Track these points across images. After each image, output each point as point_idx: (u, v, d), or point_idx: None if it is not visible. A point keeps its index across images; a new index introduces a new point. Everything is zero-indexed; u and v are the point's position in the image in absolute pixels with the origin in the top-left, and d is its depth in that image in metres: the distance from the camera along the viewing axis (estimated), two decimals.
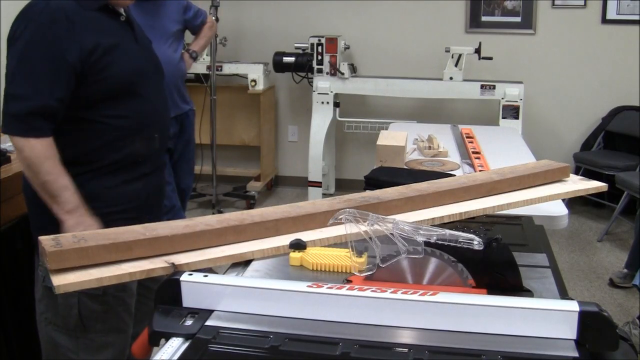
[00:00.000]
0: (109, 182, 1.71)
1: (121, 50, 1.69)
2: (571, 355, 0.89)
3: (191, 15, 3.44)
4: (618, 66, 4.64)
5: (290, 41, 4.77)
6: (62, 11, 1.60)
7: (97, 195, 1.70)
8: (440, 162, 2.39)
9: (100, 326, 1.74)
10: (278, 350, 0.90)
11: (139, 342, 0.99)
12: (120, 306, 1.77)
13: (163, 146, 1.85)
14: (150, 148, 1.77)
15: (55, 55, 1.59)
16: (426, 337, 0.93)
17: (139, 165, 1.76)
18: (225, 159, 5.17)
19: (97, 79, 1.65)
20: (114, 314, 1.75)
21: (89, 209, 1.66)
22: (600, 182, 1.66)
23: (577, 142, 4.79)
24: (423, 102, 4.83)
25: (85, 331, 1.72)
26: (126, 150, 1.71)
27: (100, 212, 1.68)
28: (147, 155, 1.77)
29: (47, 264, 1.09)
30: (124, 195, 1.74)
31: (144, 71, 1.76)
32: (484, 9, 4.75)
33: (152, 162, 1.80)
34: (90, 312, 1.70)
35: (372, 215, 1.10)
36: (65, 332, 1.72)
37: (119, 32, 1.72)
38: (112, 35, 1.69)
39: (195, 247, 1.22)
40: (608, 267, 3.79)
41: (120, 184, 1.73)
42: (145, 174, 1.78)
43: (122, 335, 1.79)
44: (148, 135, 1.76)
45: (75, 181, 1.65)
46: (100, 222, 1.66)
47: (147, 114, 1.76)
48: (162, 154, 1.87)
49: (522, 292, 1.08)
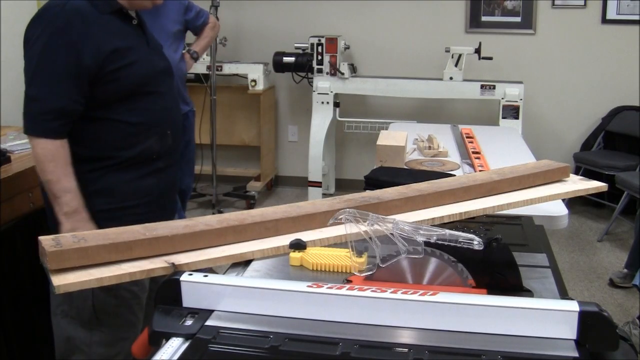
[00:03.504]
0: (124, 177, 1.75)
1: (135, 53, 1.73)
2: (571, 355, 0.89)
3: (192, 16, 3.44)
4: (618, 66, 4.64)
5: (290, 41, 4.77)
6: (78, 14, 1.64)
7: (112, 190, 1.74)
8: (440, 162, 2.39)
9: (114, 320, 1.77)
10: (278, 350, 0.90)
11: (139, 342, 0.99)
12: (133, 299, 1.80)
13: (176, 143, 1.89)
14: (164, 144, 1.81)
15: (72, 58, 1.62)
16: (426, 337, 0.93)
17: (153, 162, 1.80)
18: (225, 159, 5.17)
19: (112, 80, 1.68)
20: (127, 307, 1.79)
21: (103, 203, 1.72)
22: (600, 182, 1.66)
23: (577, 142, 4.79)
24: (423, 102, 4.83)
25: (99, 324, 1.76)
26: (140, 147, 1.75)
27: (115, 206, 1.74)
28: (161, 152, 1.81)
29: (47, 264, 1.09)
30: (138, 191, 1.77)
31: (156, 72, 1.80)
32: (484, 9, 4.75)
33: (166, 158, 1.84)
34: (103, 305, 1.74)
35: (372, 215, 1.10)
36: (81, 324, 1.75)
37: (132, 35, 1.76)
38: (126, 38, 1.73)
39: (195, 247, 1.22)
40: (608, 267, 3.79)
41: (135, 179, 1.76)
42: (159, 170, 1.82)
43: (133, 330, 1.82)
44: (161, 132, 1.80)
45: (90, 176, 1.71)
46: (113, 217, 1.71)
47: (159, 111, 1.80)
48: (175, 150, 1.91)
49: (522, 292, 1.08)
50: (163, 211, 1.85)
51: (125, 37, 1.73)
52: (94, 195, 1.72)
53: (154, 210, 1.80)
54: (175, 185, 1.96)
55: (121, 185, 1.75)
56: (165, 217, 1.82)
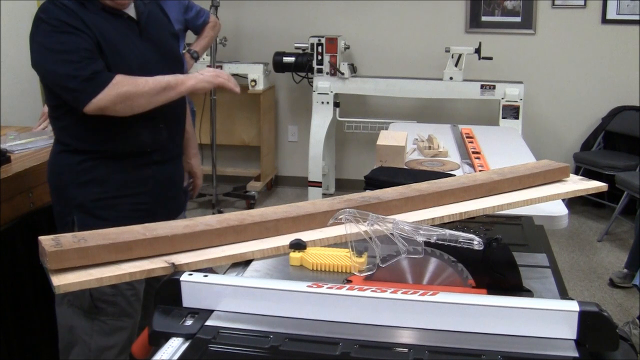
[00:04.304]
0: (117, 167, 1.78)
1: (125, 46, 1.75)
2: (571, 355, 0.89)
3: (192, 16, 3.44)
4: (618, 66, 4.64)
5: (290, 41, 4.77)
6: (68, 9, 1.68)
7: (106, 180, 1.78)
8: (440, 162, 2.39)
9: (112, 309, 1.82)
10: (278, 350, 0.90)
11: (138, 342, 0.99)
12: (129, 290, 1.84)
13: (173, 137, 1.90)
14: (157, 138, 1.83)
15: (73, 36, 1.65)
16: (426, 337, 0.93)
17: (148, 154, 1.82)
18: (225, 159, 5.17)
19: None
20: (123, 297, 1.83)
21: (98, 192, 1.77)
22: (600, 182, 1.66)
23: (577, 142, 4.79)
24: (423, 102, 4.84)
25: (98, 313, 1.81)
26: (132, 140, 1.78)
27: (109, 195, 1.78)
28: (154, 145, 1.83)
29: (47, 264, 1.09)
30: (132, 181, 1.81)
31: (149, 65, 1.80)
32: (484, 9, 4.75)
33: (162, 152, 1.86)
34: (100, 294, 1.78)
35: (372, 215, 1.10)
36: (82, 313, 1.81)
37: (122, 29, 1.77)
38: (115, 31, 1.75)
39: (195, 247, 1.22)
40: (608, 267, 3.79)
41: (128, 170, 1.80)
42: (155, 162, 1.84)
43: (130, 321, 1.87)
44: (154, 125, 1.81)
45: (83, 166, 1.76)
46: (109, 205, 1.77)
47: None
48: (173, 144, 1.92)
49: (522, 292, 1.08)
50: (164, 206, 1.88)
51: (115, 30, 1.75)
52: (88, 185, 1.77)
53: (148, 202, 1.83)
54: (175, 181, 1.97)
55: (114, 175, 1.78)
56: (167, 213, 1.85)
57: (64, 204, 1.81)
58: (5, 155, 2.26)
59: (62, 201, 1.81)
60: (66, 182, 1.79)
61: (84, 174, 1.77)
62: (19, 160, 2.29)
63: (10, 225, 2.14)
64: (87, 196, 1.77)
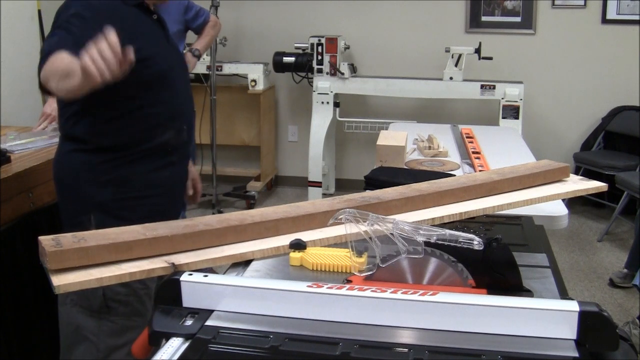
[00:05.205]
0: (140, 168, 1.78)
1: (157, 44, 1.78)
2: (571, 355, 0.89)
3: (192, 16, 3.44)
4: (618, 66, 4.63)
5: (290, 41, 4.77)
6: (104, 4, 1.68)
7: (127, 180, 1.77)
8: (440, 162, 2.39)
9: (123, 309, 1.79)
10: (278, 350, 0.90)
11: (139, 342, 0.99)
12: (143, 289, 1.82)
13: (190, 138, 1.93)
14: (179, 138, 1.86)
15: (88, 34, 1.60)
16: (426, 337, 0.93)
17: (168, 155, 1.83)
18: (225, 159, 5.17)
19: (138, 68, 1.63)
20: (137, 297, 1.80)
21: (117, 193, 1.75)
22: (600, 182, 1.66)
23: (577, 142, 4.79)
24: (423, 102, 4.83)
25: (109, 313, 1.78)
26: (158, 139, 1.79)
27: (128, 196, 1.77)
28: (176, 146, 1.85)
29: (47, 264, 1.09)
30: (151, 182, 1.81)
31: (174, 67, 1.84)
32: (484, 9, 4.75)
33: (180, 152, 1.88)
34: (114, 294, 1.76)
35: (372, 215, 1.10)
36: (90, 313, 1.77)
37: (152, 30, 1.81)
38: (150, 29, 1.78)
39: (195, 247, 1.22)
40: (608, 267, 3.79)
41: (149, 172, 1.80)
42: (173, 163, 1.85)
43: (141, 319, 1.84)
44: (178, 126, 1.84)
45: (104, 167, 1.74)
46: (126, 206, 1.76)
47: (177, 105, 1.84)
48: (188, 145, 1.94)
49: (522, 292, 1.08)
50: (174, 205, 1.90)
51: (149, 28, 1.78)
52: (107, 185, 1.75)
53: (165, 202, 1.85)
54: (185, 180, 1.99)
55: (135, 176, 1.78)
56: (175, 210, 1.89)
57: (79, 203, 1.77)
58: (5, 155, 2.26)
59: (76, 200, 1.78)
60: (82, 181, 1.76)
61: (104, 173, 1.74)
62: (19, 160, 2.29)
63: (10, 225, 2.14)
64: (107, 196, 1.74)
